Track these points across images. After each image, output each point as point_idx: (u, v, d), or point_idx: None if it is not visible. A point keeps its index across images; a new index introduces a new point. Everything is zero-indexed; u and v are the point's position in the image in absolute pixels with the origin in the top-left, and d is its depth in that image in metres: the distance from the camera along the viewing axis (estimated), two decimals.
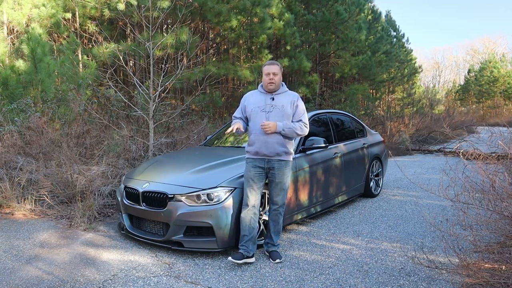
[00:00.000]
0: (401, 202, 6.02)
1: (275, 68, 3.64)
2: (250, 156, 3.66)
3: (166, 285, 3.22)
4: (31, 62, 7.06)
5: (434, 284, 3.23)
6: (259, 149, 3.57)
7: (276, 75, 3.61)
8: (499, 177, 3.40)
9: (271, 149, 3.56)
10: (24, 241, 4.19)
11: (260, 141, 3.57)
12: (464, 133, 17.41)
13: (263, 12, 10.45)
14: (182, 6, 8.32)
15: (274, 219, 3.74)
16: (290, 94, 3.72)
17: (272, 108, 3.61)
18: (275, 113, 3.60)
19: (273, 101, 3.63)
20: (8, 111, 6.54)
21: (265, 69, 3.65)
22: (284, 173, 3.63)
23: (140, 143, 6.90)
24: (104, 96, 8.16)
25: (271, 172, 3.62)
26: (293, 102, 3.65)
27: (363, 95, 15.84)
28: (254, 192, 3.59)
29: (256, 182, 3.59)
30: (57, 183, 5.31)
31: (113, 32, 9.55)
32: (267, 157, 3.59)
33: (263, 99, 3.67)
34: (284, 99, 3.66)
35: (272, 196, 3.70)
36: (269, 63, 3.68)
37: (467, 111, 27.30)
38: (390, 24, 19.77)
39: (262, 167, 3.61)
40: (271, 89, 3.64)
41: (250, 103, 3.70)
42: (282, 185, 3.64)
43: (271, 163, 3.60)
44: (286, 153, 3.64)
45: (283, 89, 3.72)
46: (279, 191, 3.66)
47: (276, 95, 3.66)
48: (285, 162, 3.64)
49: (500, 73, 37.35)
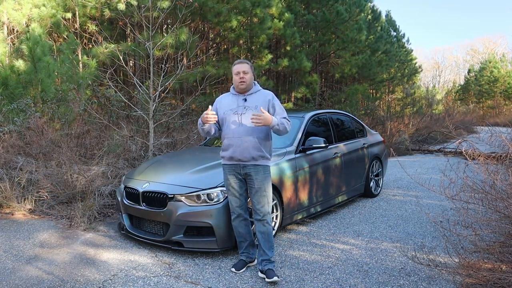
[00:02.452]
0: (401, 202, 6.02)
1: (245, 67, 3.40)
2: (226, 162, 3.44)
3: (166, 285, 3.22)
4: (31, 62, 7.06)
5: (434, 284, 3.23)
6: (233, 154, 3.33)
7: (246, 73, 3.37)
8: (499, 177, 3.40)
9: (246, 153, 3.31)
10: (24, 241, 4.19)
11: (234, 145, 3.33)
12: (464, 133, 17.42)
13: (263, 12, 10.45)
14: (182, 6, 8.31)
15: (262, 231, 3.39)
16: (264, 93, 3.47)
17: (245, 109, 3.36)
18: (249, 115, 3.31)
19: (245, 102, 3.39)
20: (8, 111, 6.54)
21: (235, 68, 3.43)
22: (262, 179, 3.35)
23: (140, 143, 6.90)
24: (104, 96, 8.16)
25: (249, 178, 3.37)
26: (268, 102, 3.41)
27: (363, 95, 15.83)
28: (238, 199, 3.41)
29: (236, 188, 3.40)
30: (57, 183, 5.31)
31: (113, 32, 9.54)
32: (242, 162, 3.34)
33: (235, 101, 3.43)
34: (258, 99, 3.41)
35: (254, 204, 3.39)
36: (238, 61, 3.46)
37: (467, 111, 27.30)
38: (390, 24, 19.76)
39: (238, 172, 3.38)
40: (242, 89, 3.40)
41: (223, 106, 3.47)
42: (262, 191, 3.35)
43: (247, 168, 3.34)
44: (263, 157, 3.36)
45: (255, 88, 3.47)
46: (260, 198, 3.35)
47: (248, 95, 3.42)
48: (262, 167, 3.36)
49: (500, 73, 37.34)
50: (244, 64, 3.42)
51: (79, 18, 9.14)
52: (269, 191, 3.39)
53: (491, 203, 3.21)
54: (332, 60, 14.88)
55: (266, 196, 3.37)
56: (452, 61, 57.29)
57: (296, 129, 4.95)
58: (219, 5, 9.55)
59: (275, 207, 4.21)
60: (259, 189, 3.34)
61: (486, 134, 3.84)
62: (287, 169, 4.42)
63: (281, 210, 4.26)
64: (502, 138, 3.36)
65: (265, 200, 3.37)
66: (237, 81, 3.39)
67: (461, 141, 4.60)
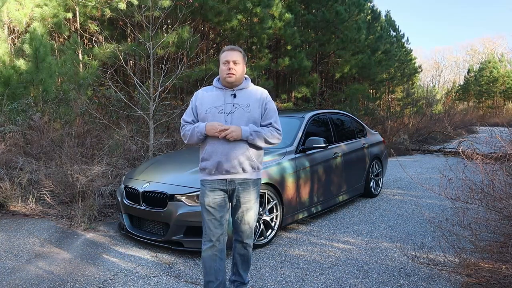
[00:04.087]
0: (401, 202, 6.03)
1: (237, 55, 2.72)
2: (206, 177, 2.73)
3: (166, 285, 3.22)
4: (33, 62, 7.07)
5: (434, 284, 3.23)
6: (219, 164, 2.66)
7: (237, 64, 2.71)
8: (498, 177, 3.41)
9: (235, 163, 2.67)
10: (24, 240, 4.19)
11: (219, 153, 2.66)
12: (463, 133, 17.42)
13: (263, 12, 10.46)
14: (182, 6, 8.32)
15: (242, 253, 2.90)
16: (257, 90, 2.83)
17: (235, 108, 2.70)
18: (239, 114, 2.69)
19: (235, 99, 2.72)
20: (9, 111, 6.55)
21: (223, 56, 2.73)
22: (251, 195, 2.76)
23: (140, 143, 6.91)
24: (105, 96, 8.17)
25: (235, 195, 2.74)
26: (261, 101, 2.77)
27: (363, 95, 15.84)
28: (216, 223, 2.71)
29: (218, 210, 2.71)
30: (57, 183, 5.31)
31: (114, 32, 9.54)
32: (229, 175, 2.69)
33: (221, 97, 2.74)
34: (250, 96, 2.76)
35: (237, 224, 2.81)
36: (229, 48, 2.76)
37: (466, 111, 27.30)
38: (390, 24, 19.75)
39: (223, 189, 2.71)
40: (231, 82, 2.71)
41: (205, 102, 2.76)
42: (249, 211, 2.77)
43: (234, 183, 2.71)
44: (254, 168, 2.76)
45: (246, 83, 2.81)
46: (247, 218, 2.78)
47: (238, 91, 2.75)
48: (252, 181, 2.75)
49: (500, 73, 37.38)
50: (236, 52, 2.73)
51: (79, 18, 9.14)
52: (257, 209, 2.84)
53: (490, 203, 3.22)
54: (332, 60, 14.88)
55: (253, 216, 2.81)
56: (452, 61, 57.33)
57: (296, 129, 4.96)
58: (219, 5, 9.55)
59: (275, 207, 4.22)
60: (246, 208, 2.76)
61: (486, 134, 3.85)
62: (287, 169, 4.43)
63: (281, 210, 4.27)
64: (499, 139, 3.37)
65: (252, 221, 2.81)
66: (224, 72, 2.70)
67: (461, 141, 4.61)
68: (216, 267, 2.74)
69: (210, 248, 2.72)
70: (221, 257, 2.76)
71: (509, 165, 3.63)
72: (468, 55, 55.07)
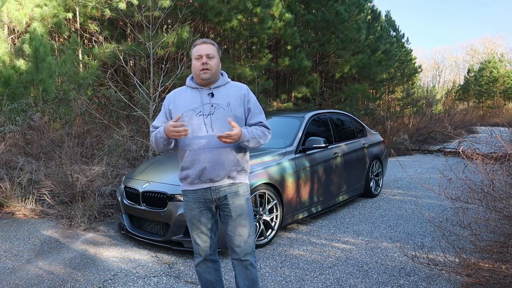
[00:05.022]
0: (401, 202, 6.03)
1: (210, 48, 2.41)
2: (188, 187, 2.44)
3: (166, 285, 3.22)
4: (33, 62, 7.07)
5: (434, 284, 3.23)
6: (201, 173, 2.35)
7: (211, 58, 2.39)
8: (498, 177, 3.41)
9: (220, 170, 2.36)
10: (24, 241, 4.19)
11: (201, 161, 2.34)
12: (463, 133, 17.42)
13: (263, 12, 10.47)
14: (182, 6, 8.32)
15: (245, 277, 2.47)
16: (236, 85, 2.51)
17: (214, 108, 2.38)
18: (219, 115, 2.37)
19: (213, 98, 2.41)
20: (9, 111, 6.55)
21: (195, 50, 2.42)
22: (241, 202, 2.43)
23: (140, 143, 6.91)
24: (105, 96, 8.17)
25: (223, 203, 2.42)
26: (243, 98, 2.46)
27: (363, 95, 15.85)
28: (204, 237, 2.46)
29: (203, 222, 2.44)
30: (57, 183, 5.31)
31: (114, 32, 9.55)
32: (213, 183, 2.38)
33: (197, 97, 2.42)
34: (229, 93, 2.45)
35: (231, 239, 2.44)
36: (201, 41, 2.43)
37: (466, 111, 27.32)
38: (390, 24, 19.76)
39: (208, 199, 2.42)
40: (206, 79, 2.39)
41: (180, 105, 2.44)
42: (241, 219, 2.42)
43: (220, 191, 2.40)
44: (240, 172, 2.45)
45: (223, 79, 2.49)
46: (240, 229, 2.41)
47: (215, 89, 2.44)
48: (240, 186, 2.44)
49: (500, 73, 37.40)
50: (208, 45, 2.42)
51: (79, 18, 9.14)
52: (251, 217, 2.48)
53: (490, 203, 3.22)
54: (332, 60, 14.89)
55: (247, 225, 2.44)
56: (452, 61, 57.33)
57: (296, 129, 4.96)
58: (219, 5, 9.56)
59: (275, 206, 4.22)
60: (238, 216, 2.41)
61: (486, 134, 3.85)
62: (287, 169, 4.43)
63: (281, 210, 4.27)
64: (499, 138, 3.37)
65: (247, 231, 2.43)
66: (197, 69, 2.40)
67: (461, 141, 4.62)
68: (213, 279, 2.57)
69: (203, 262, 2.53)
70: (215, 268, 2.58)
71: (509, 165, 3.64)
72: (468, 55, 55.12)
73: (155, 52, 7.17)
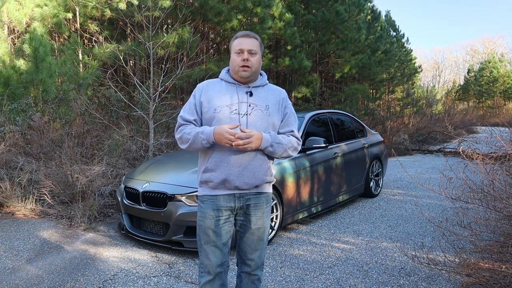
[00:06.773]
0: (401, 202, 6.03)
1: (254, 44, 2.14)
2: (208, 192, 2.15)
3: (166, 285, 3.22)
4: (33, 62, 7.07)
5: (434, 284, 3.23)
6: (228, 177, 2.08)
7: (254, 54, 2.13)
8: (498, 177, 3.41)
9: (250, 178, 2.11)
10: (24, 241, 4.19)
11: (230, 164, 2.08)
12: (463, 132, 17.42)
13: (263, 12, 10.47)
14: (182, 6, 8.32)
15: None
16: (275, 89, 2.27)
17: (251, 108, 2.13)
18: (256, 117, 2.13)
19: (251, 98, 2.15)
20: (9, 111, 6.55)
21: (237, 43, 2.14)
22: (263, 214, 2.22)
23: (140, 143, 6.91)
24: (105, 96, 8.17)
25: (245, 212, 2.18)
26: (281, 103, 2.23)
27: (363, 95, 15.85)
28: (218, 252, 2.15)
29: (220, 235, 2.14)
30: (57, 183, 5.31)
31: (114, 32, 9.55)
32: (239, 190, 2.13)
33: (234, 93, 2.15)
34: (268, 96, 2.20)
35: (244, 252, 2.24)
36: (243, 34, 2.15)
37: (466, 111, 27.32)
38: (390, 24, 19.76)
39: (230, 207, 2.15)
40: (245, 77, 2.14)
41: (213, 98, 2.15)
42: (260, 233, 2.22)
43: (244, 199, 2.15)
44: (268, 182, 2.21)
45: (263, 80, 2.24)
46: (257, 243, 2.22)
47: (254, 88, 2.19)
48: (265, 196, 2.22)
49: (500, 73, 37.42)
50: (252, 39, 2.14)
51: (79, 18, 9.14)
52: (268, 230, 2.29)
53: (490, 203, 3.22)
54: (332, 60, 14.89)
55: (264, 239, 2.25)
56: (452, 61, 57.34)
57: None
58: (219, 5, 9.56)
59: (275, 207, 4.22)
60: (257, 230, 2.20)
61: (486, 134, 3.85)
62: (288, 168, 4.43)
63: (281, 210, 4.27)
64: (499, 138, 3.37)
65: (262, 246, 2.25)
66: (237, 64, 2.13)
67: (461, 141, 4.61)
68: None
69: (210, 283, 2.16)
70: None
71: (509, 165, 3.64)
72: (468, 55, 55.12)
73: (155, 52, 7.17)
